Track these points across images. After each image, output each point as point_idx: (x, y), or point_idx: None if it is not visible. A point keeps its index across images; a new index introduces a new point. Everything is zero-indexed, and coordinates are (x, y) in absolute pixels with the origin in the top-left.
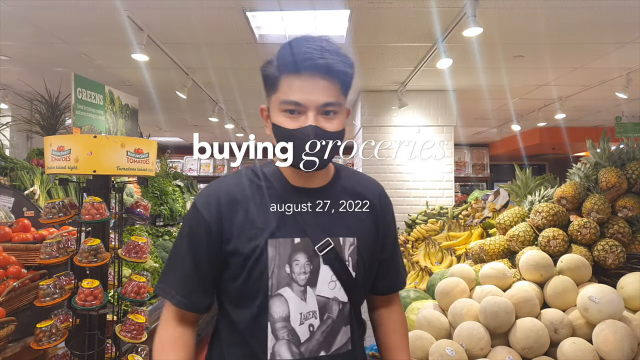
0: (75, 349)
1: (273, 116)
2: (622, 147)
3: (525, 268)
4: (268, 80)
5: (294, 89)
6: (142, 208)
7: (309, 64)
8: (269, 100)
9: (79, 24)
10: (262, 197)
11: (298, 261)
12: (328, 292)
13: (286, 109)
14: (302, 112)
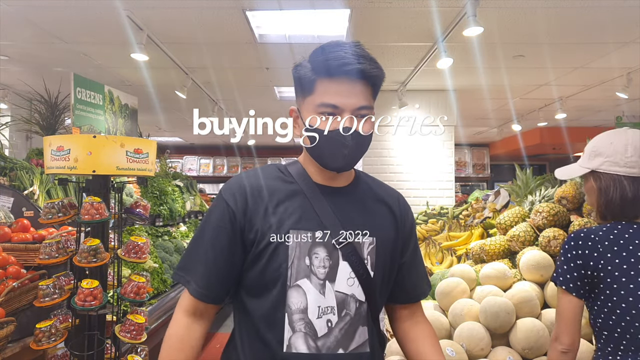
0: (74, 350)
1: (306, 117)
2: None
3: (525, 268)
4: (302, 83)
5: (331, 92)
6: (141, 208)
7: (347, 68)
8: (302, 102)
9: (79, 23)
10: (286, 192)
11: (318, 254)
12: (347, 288)
13: (323, 112)
14: (338, 114)
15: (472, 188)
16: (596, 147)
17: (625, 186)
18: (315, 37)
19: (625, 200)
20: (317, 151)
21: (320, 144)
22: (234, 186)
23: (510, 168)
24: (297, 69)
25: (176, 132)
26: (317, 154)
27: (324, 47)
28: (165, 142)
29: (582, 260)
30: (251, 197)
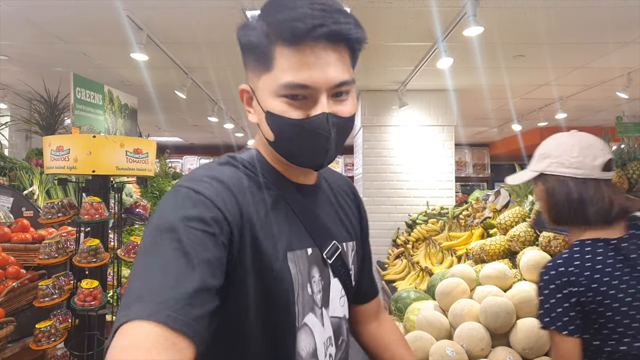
0: (74, 350)
1: (266, 101)
2: (622, 147)
3: (526, 268)
4: (255, 53)
5: (297, 66)
6: (141, 208)
7: (319, 32)
8: (256, 79)
9: (79, 23)
10: (266, 197)
11: (314, 277)
12: (339, 310)
13: (287, 94)
14: (310, 97)
15: (473, 188)
16: (545, 149)
17: (571, 187)
18: None
19: (571, 202)
20: (286, 147)
21: (291, 138)
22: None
23: (511, 168)
24: (244, 31)
25: (176, 132)
26: (287, 150)
27: (280, 1)
28: (165, 142)
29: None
30: (243, 203)
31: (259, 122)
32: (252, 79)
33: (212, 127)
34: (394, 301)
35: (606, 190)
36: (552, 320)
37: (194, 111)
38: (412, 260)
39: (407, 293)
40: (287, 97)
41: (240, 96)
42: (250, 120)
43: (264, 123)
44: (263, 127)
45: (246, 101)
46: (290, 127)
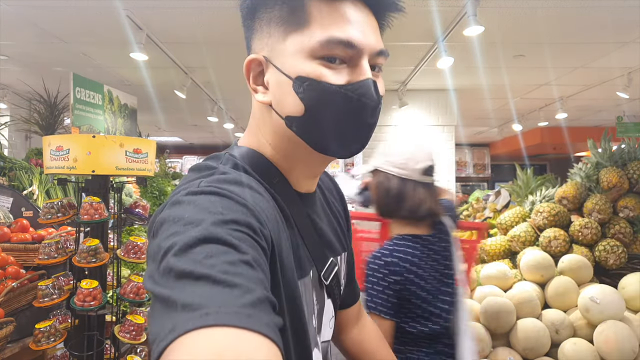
0: (74, 350)
1: (295, 66)
2: (623, 147)
3: (526, 268)
4: (277, 10)
5: (341, 22)
6: (141, 208)
7: None
8: (278, 43)
9: (79, 23)
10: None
11: (314, 304)
12: (328, 333)
13: (326, 55)
14: (350, 61)
15: (473, 188)
16: (386, 148)
17: (393, 184)
18: None
19: (391, 196)
20: (319, 124)
21: (330, 110)
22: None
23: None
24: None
25: (176, 132)
26: (319, 129)
27: None
28: (165, 142)
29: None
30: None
31: (278, 98)
32: (270, 45)
33: (212, 127)
34: None
35: (421, 192)
36: (376, 306)
37: (193, 111)
38: None
39: None
40: (324, 59)
41: (246, 71)
42: (259, 100)
43: (290, 95)
44: (286, 103)
45: (253, 78)
46: (330, 95)
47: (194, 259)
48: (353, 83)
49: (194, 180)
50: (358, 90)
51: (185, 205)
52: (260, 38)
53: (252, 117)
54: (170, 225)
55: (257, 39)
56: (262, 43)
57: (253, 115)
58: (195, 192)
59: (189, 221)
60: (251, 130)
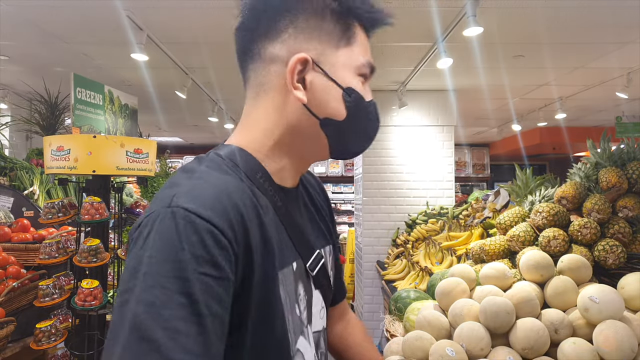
0: (74, 349)
1: (344, 77)
2: (622, 147)
3: (525, 268)
4: (333, 22)
5: (368, 49)
6: (141, 208)
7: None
8: (330, 51)
9: (79, 23)
10: (262, 212)
11: (300, 294)
12: (319, 323)
13: (363, 74)
14: (365, 83)
15: (472, 188)
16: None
17: None
18: None
19: None
20: (350, 132)
21: (360, 121)
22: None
23: (510, 168)
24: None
25: (176, 132)
26: (350, 136)
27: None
28: (165, 142)
29: None
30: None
31: (320, 100)
32: (320, 50)
33: (213, 127)
34: (393, 301)
35: None
36: None
37: (194, 111)
38: (411, 260)
39: (406, 293)
40: (362, 76)
41: (292, 69)
42: (299, 97)
43: (336, 101)
44: (329, 106)
45: (297, 78)
46: (366, 108)
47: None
48: (371, 101)
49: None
50: (375, 108)
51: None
52: (308, 40)
53: (251, 114)
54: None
55: (294, 40)
56: (309, 45)
57: (255, 111)
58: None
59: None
60: (246, 128)
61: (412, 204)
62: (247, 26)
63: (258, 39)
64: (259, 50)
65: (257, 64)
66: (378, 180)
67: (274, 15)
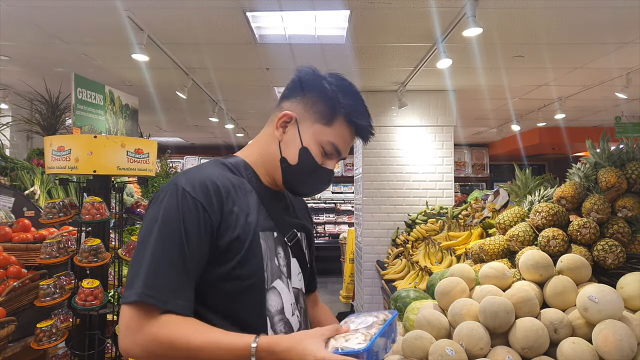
0: (75, 349)
1: (307, 140)
2: (621, 147)
3: (524, 268)
4: (321, 104)
5: (343, 138)
6: (142, 208)
7: (366, 136)
8: (309, 121)
9: (79, 24)
10: (244, 192)
11: (280, 254)
12: (297, 283)
13: (326, 150)
14: (332, 157)
15: (472, 188)
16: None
17: None
18: (315, 37)
19: None
20: (296, 176)
21: (305, 173)
22: (201, 181)
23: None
24: (321, 88)
25: (177, 132)
26: (296, 179)
27: (356, 94)
28: (166, 142)
29: None
30: (224, 196)
31: (284, 144)
32: (301, 114)
33: (213, 127)
34: (393, 300)
35: None
36: None
37: (194, 111)
38: (411, 260)
39: (406, 292)
40: (324, 148)
41: (279, 117)
42: (277, 135)
43: (294, 150)
44: (288, 151)
45: (281, 123)
46: (312, 166)
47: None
48: (326, 168)
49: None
50: (327, 175)
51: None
52: (302, 107)
53: (257, 140)
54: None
55: (297, 104)
56: (299, 108)
57: (259, 138)
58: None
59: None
60: (250, 147)
61: (411, 203)
62: (286, 87)
63: (285, 95)
64: (280, 102)
65: (277, 109)
66: (378, 180)
67: (297, 87)
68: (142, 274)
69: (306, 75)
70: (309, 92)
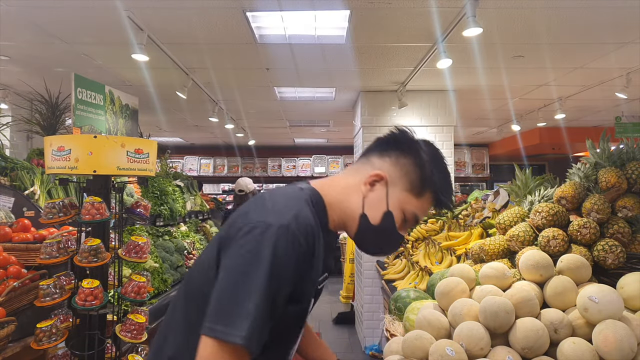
0: (75, 349)
1: (393, 204)
2: (621, 147)
3: (525, 268)
4: (416, 176)
5: (424, 211)
6: (142, 208)
7: (445, 208)
8: (400, 188)
9: (79, 24)
10: (320, 242)
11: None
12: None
13: (407, 218)
14: (408, 225)
15: (472, 188)
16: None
17: None
18: (315, 37)
19: None
20: (372, 236)
21: (382, 236)
22: (312, 232)
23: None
24: (415, 149)
25: (176, 132)
26: (370, 238)
27: (446, 168)
28: (166, 142)
29: None
30: (318, 253)
31: (369, 201)
32: (394, 179)
33: (213, 127)
34: (393, 300)
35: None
36: None
37: (194, 111)
38: (411, 260)
39: (406, 292)
40: (405, 216)
41: (370, 175)
42: (363, 191)
43: (379, 212)
44: (371, 210)
45: (370, 181)
46: (391, 231)
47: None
48: (400, 234)
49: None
50: (399, 239)
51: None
52: (394, 171)
53: (337, 181)
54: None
55: (390, 166)
56: (392, 171)
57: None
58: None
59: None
60: (329, 186)
61: None
62: (379, 141)
63: (377, 149)
64: (371, 154)
65: (364, 159)
66: None
67: (392, 146)
68: (249, 316)
69: (403, 137)
70: (403, 157)
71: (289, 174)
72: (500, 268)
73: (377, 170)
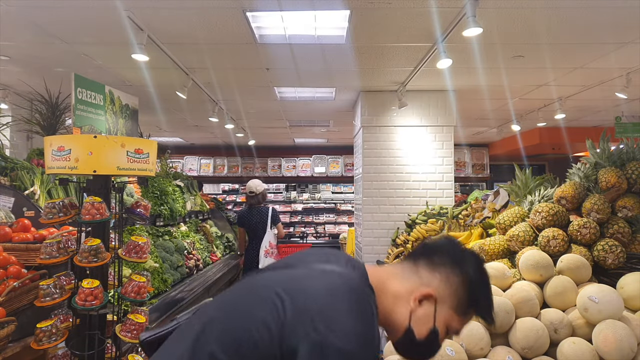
0: (75, 349)
1: (440, 321)
2: (621, 147)
3: (525, 268)
4: (464, 298)
5: (465, 326)
6: (142, 208)
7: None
8: (448, 306)
9: (79, 24)
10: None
11: None
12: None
13: (449, 332)
14: (448, 337)
15: (472, 188)
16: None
17: None
18: (315, 37)
19: None
20: (415, 348)
21: (424, 349)
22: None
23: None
24: (465, 270)
25: (176, 132)
26: (412, 350)
27: (490, 289)
28: (166, 142)
29: None
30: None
31: (416, 316)
32: (443, 299)
33: (213, 127)
34: None
35: None
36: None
37: (194, 112)
38: None
39: None
40: (448, 331)
41: (421, 293)
42: (411, 306)
43: (426, 326)
44: (418, 325)
45: (420, 297)
46: (433, 344)
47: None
48: (439, 345)
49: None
50: (439, 347)
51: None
52: (443, 289)
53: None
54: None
55: (439, 283)
56: (440, 289)
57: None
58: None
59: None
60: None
61: (411, 204)
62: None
63: (426, 259)
64: (420, 262)
65: (412, 264)
66: (378, 180)
67: (443, 260)
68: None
69: (454, 251)
70: (453, 275)
71: (289, 174)
72: (500, 268)
73: (426, 286)
